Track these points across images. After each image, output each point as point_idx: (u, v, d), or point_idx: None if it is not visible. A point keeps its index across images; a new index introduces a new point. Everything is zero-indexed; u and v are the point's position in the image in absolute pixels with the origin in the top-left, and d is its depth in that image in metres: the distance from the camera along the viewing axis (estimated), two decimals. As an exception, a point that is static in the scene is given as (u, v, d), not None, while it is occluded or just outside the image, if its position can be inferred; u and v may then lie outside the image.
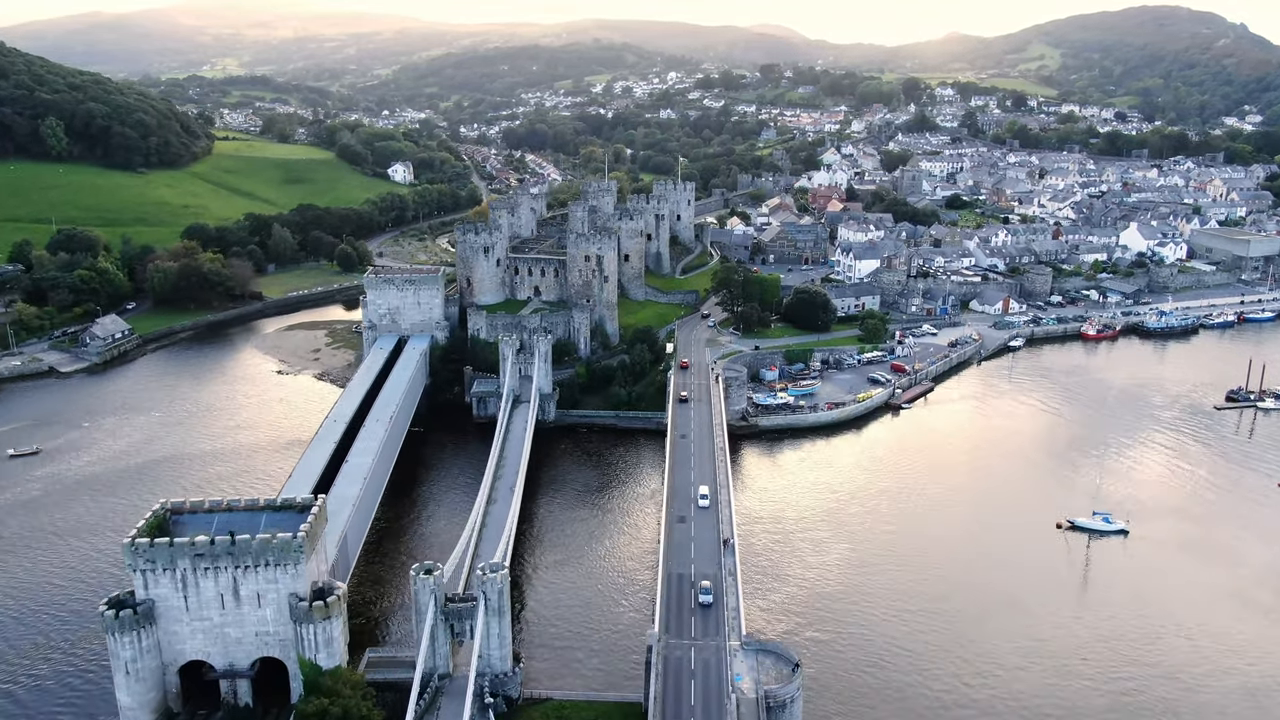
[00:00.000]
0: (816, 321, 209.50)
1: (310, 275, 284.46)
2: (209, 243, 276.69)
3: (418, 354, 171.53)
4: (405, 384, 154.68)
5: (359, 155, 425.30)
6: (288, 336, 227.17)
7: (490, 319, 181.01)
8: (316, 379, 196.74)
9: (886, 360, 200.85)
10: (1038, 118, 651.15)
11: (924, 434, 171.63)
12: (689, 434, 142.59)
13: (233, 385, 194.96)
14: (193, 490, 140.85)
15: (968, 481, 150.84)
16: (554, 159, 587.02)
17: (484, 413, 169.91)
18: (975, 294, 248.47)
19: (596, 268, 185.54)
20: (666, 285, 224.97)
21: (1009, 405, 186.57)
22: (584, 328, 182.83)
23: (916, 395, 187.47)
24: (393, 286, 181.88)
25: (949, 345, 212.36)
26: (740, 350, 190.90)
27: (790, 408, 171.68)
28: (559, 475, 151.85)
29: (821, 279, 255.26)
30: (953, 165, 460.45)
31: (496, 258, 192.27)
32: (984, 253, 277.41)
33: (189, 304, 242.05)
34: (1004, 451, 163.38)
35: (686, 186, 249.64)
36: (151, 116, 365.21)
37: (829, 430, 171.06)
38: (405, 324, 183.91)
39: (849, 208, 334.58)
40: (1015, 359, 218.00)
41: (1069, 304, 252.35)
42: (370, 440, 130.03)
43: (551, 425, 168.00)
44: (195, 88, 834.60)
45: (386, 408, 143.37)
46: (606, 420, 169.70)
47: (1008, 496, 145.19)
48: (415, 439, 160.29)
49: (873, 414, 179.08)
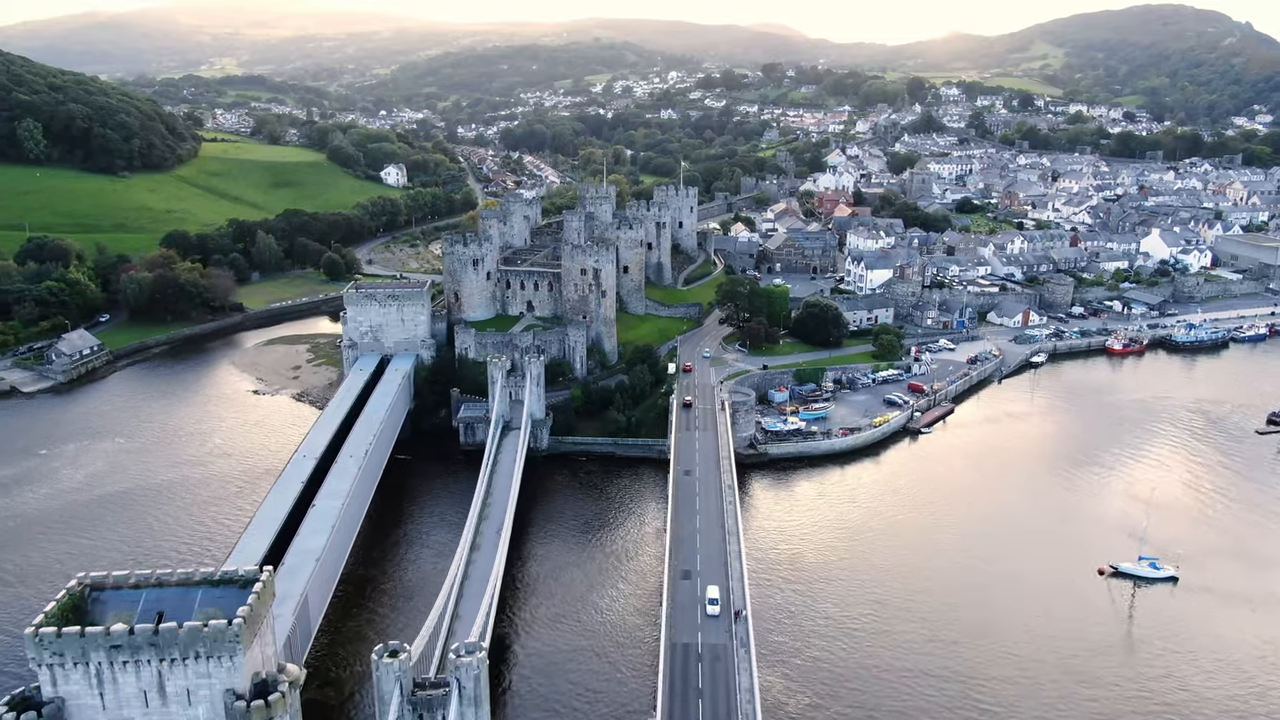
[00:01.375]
0: (828, 337, 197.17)
1: (295, 284, 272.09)
2: (189, 250, 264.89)
3: (400, 376, 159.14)
4: (385, 411, 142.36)
5: (351, 157, 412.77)
6: (267, 352, 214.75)
7: (479, 337, 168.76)
8: (295, 400, 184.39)
9: (903, 379, 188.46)
10: (1045, 118, 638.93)
11: (946, 462, 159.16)
12: (693, 469, 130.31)
13: (205, 407, 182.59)
14: (143, 536, 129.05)
15: (998, 517, 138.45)
16: (552, 160, 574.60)
17: (472, 439, 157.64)
18: (993, 305, 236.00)
19: (593, 282, 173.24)
20: (668, 297, 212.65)
21: (1035, 429, 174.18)
22: (580, 346, 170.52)
23: (936, 418, 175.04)
24: (374, 302, 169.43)
25: (968, 362, 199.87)
26: (747, 370, 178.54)
27: (802, 434, 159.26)
28: (552, 511, 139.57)
29: (831, 289, 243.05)
30: (961, 167, 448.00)
31: (486, 271, 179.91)
32: (1000, 261, 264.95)
33: (165, 316, 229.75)
34: (1034, 484, 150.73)
35: (689, 192, 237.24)
36: (135, 118, 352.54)
37: (844, 458, 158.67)
38: (388, 342, 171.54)
39: (857, 213, 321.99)
40: (1037, 376, 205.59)
41: (1091, 316, 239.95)
42: (342, 480, 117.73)
43: (544, 454, 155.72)
44: (190, 88, 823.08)
45: (362, 440, 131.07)
46: (604, 448, 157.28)
47: (1043, 537, 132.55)
48: (398, 468, 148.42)
49: (890, 438, 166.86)
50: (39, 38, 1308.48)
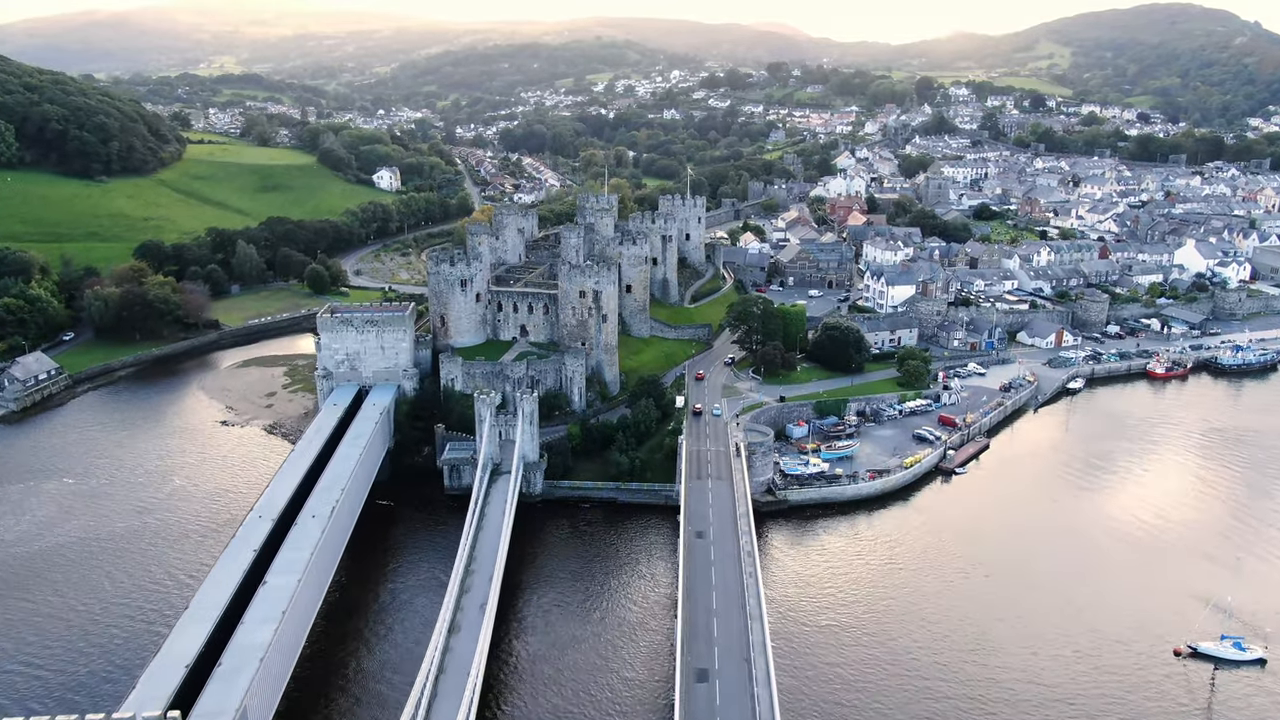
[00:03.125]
0: (849, 362, 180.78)
1: (277, 298, 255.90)
2: (164, 262, 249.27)
3: (377, 413, 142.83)
4: (358, 456, 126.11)
5: (342, 160, 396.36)
6: (240, 375, 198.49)
7: (467, 367, 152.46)
8: (266, 432, 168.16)
9: (932, 410, 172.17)
10: (1058, 119, 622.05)
11: (987, 509, 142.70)
12: (707, 530, 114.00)
13: (168, 439, 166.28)
14: (85, 602, 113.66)
15: (1050, 579, 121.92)
16: (552, 162, 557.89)
17: (457, 483, 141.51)
18: (1023, 325, 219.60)
19: (593, 305, 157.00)
20: (674, 317, 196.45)
21: (1083, 469, 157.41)
22: (578, 377, 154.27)
23: (971, 456, 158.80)
24: (351, 328, 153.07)
25: (1001, 390, 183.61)
26: (763, 401, 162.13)
27: (825, 478, 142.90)
28: (546, 572, 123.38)
29: (849, 306, 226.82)
30: (976, 171, 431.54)
31: (476, 292, 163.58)
32: (1027, 274, 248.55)
33: (134, 335, 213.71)
34: (1090, 537, 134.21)
35: (696, 201, 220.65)
36: (114, 119, 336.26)
37: (871, 504, 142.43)
38: (367, 371, 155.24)
39: (872, 220, 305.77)
40: (1075, 404, 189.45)
41: (1127, 335, 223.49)
42: (300, 547, 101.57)
43: (538, 500, 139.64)
44: (185, 86, 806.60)
45: (330, 494, 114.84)
46: (605, 494, 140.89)
47: (1104, 606, 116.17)
48: (375, 516, 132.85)
49: (920, 479, 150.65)
50: (38, 35, 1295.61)
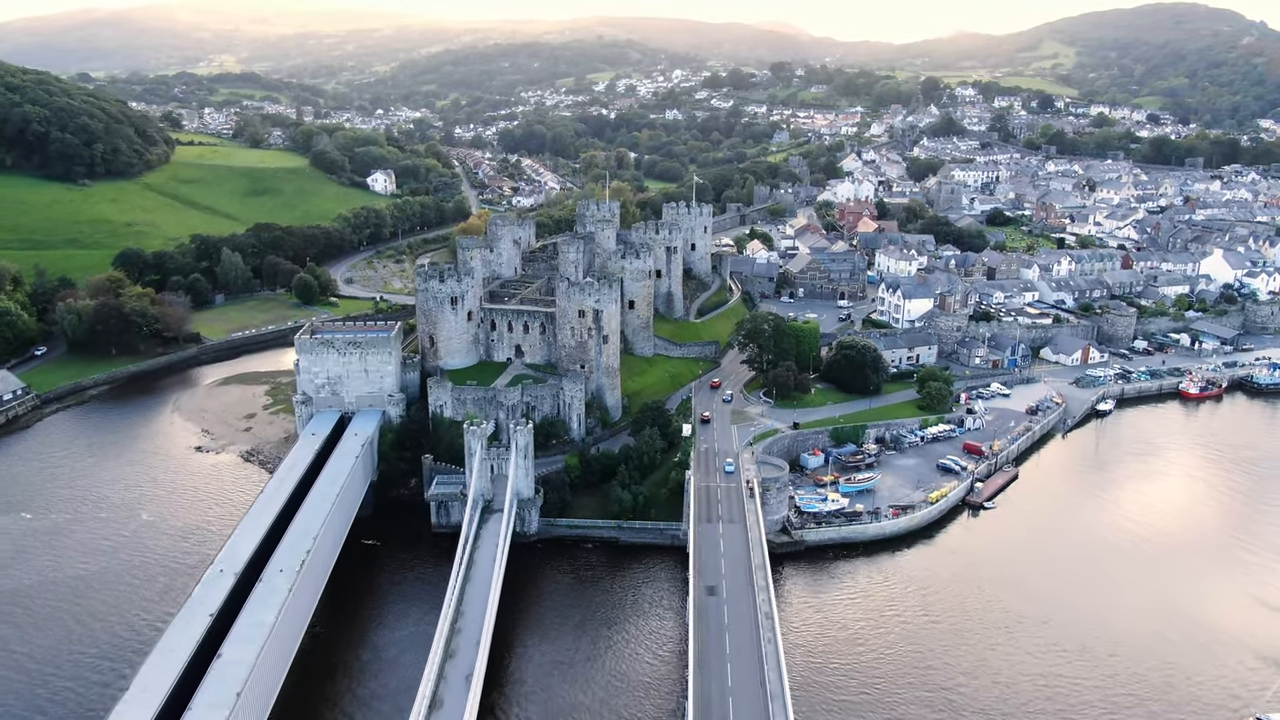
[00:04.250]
0: (866, 384, 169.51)
1: (263, 308, 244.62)
2: (144, 271, 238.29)
3: (359, 444, 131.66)
4: (334, 498, 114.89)
5: (335, 163, 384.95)
6: (219, 394, 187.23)
7: (457, 392, 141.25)
8: (243, 459, 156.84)
9: (956, 436, 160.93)
10: (1067, 120, 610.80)
11: (1023, 550, 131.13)
12: (719, 585, 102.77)
13: (137, 467, 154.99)
14: (34, 660, 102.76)
15: (1097, 634, 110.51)
16: (552, 164, 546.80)
17: (446, 521, 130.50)
18: (1046, 340, 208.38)
19: (593, 325, 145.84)
20: (679, 334, 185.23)
21: (1125, 501, 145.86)
22: (577, 403, 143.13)
23: (999, 488, 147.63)
24: (332, 350, 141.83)
25: (1028, 413, 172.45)
26: (777, 429, 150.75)
27: (845, 515, 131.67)
28: (541, 623, 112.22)
29: (863, 320, 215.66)
30: (987, 174, 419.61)
31: (467, 310, 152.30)
32: (1049, 285, 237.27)
33: (109, 350, 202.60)
34: (1139, 582, 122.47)
35: (702, 209, 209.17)
36: (98, 120, 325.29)
37: (895, 544, 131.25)
38: (349, 397, 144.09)
39: (883, 227, 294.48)
40: (1105, 426, 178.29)
41: (1156, 351, 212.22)
42: (264, 608, 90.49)
43: (533, 540, 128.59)
44: (181, 85, 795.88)
45: (302, 541, 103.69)
46: (606, 533, 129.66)
47: (1163, 665, 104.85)
48: (356, 558, 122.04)
49: (946, 515, 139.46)
50: (36, 34, 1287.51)
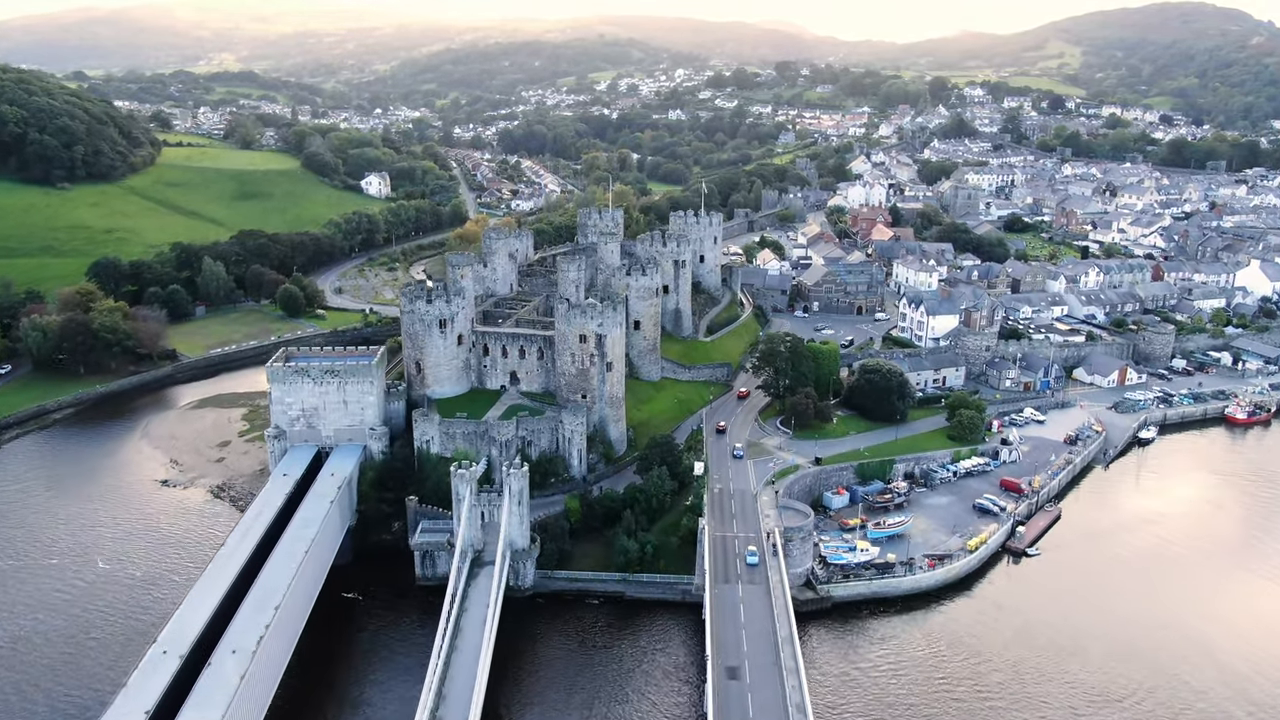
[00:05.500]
0: (892, 411, 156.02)
1: (246, 321, 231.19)
2: (120, 281, 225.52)
3: (335, 486, 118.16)
4: (302, 555, 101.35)
5: (328, 165, 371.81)
6: (192, 419, 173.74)
7: (446, 426, 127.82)
8: (212, 495, 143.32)
9: (991, 470, 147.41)
10: (1078, 120, 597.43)
11: (1077, 604, 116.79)
12: (740, 666, 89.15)
13: (96, 504, 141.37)
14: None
15: (1185, 708, 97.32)
16: (553, 165, 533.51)
17: (431, 572, 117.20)
18: (1079, 359, 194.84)
19: (596, 351, 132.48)
20: (689, 354, 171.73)
21: (1177, 543, 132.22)
22: (577, 437, 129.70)
23: (1043, 530, 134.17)
24: (308, 379, 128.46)
25: (1066, 442, 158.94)
26: (796, 464, 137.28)
27: (876, 567, 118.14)
28: (539, 695, 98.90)
29: (883, 337, 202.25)
30: (1002, 178, 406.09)
31: (458, 334, 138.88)
32: (1077, 298, 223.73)
33: (78, 369, 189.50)
34: (1208, 642, 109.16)
35: (711, 219, 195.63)
36: (80, 121, 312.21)
37: (932, 597, 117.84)
38: (326, 430, 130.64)
39: (899, 235, 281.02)
40: (1148, 457, 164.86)
41: (1196, 370, 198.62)
42: (209, 704, 77.03)
43: (529, 595, 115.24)
44: (177, 84, 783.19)
45: (260, 614, 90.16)
46: (610, 587, 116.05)
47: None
48: (335, 608, 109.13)
49: (987, 563, 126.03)
50: (35, 32, 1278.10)
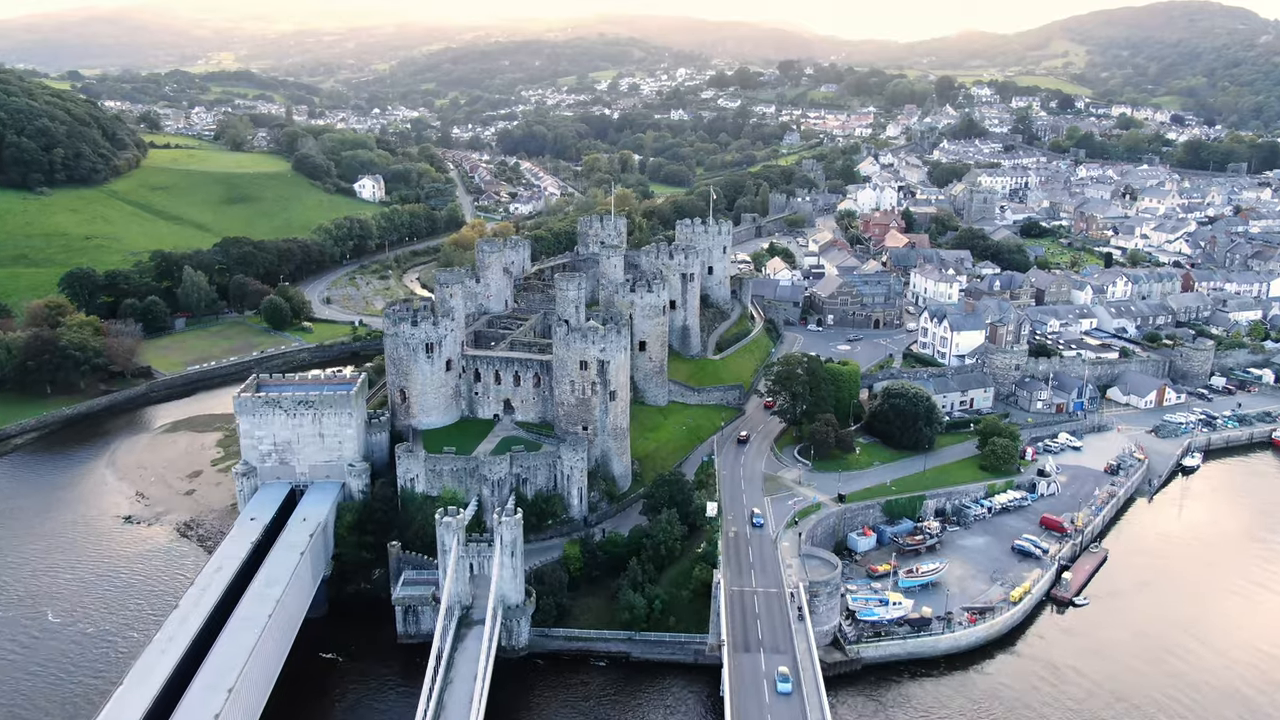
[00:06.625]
0: (918, 438, 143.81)
1: (229, 333, 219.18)
2: (95, 293, 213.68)
3: (306, 535, 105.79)
4: (265, 617, 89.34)
5: (320, 167, 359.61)
6: (164, 445, 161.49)
7: (432, 463, 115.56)
8: (179, 534, 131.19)
9: (1027, 504, 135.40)
10: (1088, 120, 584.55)
11: (1138, 664, 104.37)
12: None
13: (51, 544, 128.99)
14: None
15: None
16: (553, 167, 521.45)
17: (415, 629, 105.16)
18: (1113, 377, 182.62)
19: (598, 379, 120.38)
20: (698, 375, 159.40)
21: (1244, 588, 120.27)
22: (577, 474, 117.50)
23: (1089, 574, 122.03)
24: (280, 411, 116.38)
25: (1106, 471, 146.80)
26: (819, 503, 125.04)
27: (911, 625, 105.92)
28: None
29: (903, 353, 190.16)
30: (1015, 180, 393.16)
31: (446, 359, 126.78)
32: (1106, 310, 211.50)
33: (45, 388, 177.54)
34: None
35: (720, 228, 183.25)
36: (60, 123, 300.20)
37: (974, 657, 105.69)
38: (301, 466, 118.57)
39: (914, 242, 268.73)
40: (1193, 486, 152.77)
41: (1238, 389, 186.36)
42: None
43: (523, 655, 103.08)
44: (173, 84, 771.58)
45: (212, 693, 78.21)
46: (614, 646, 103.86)
47: None
48: (309, 667, 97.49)
49: (1030, 615, 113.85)
50: (36, 31, 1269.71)
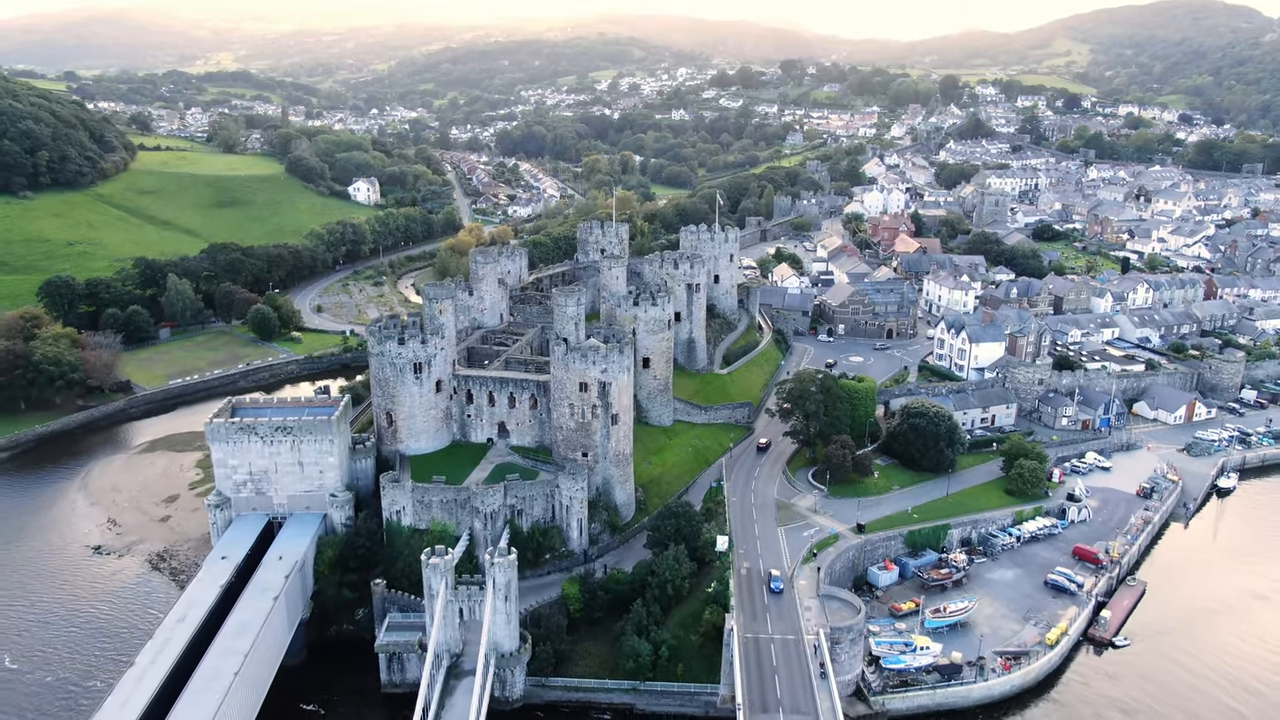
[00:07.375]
0: (940, 460, 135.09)
1: (215, 344, 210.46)
2: (74, 303, 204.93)
3: (282, 576, 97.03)
4: (232, 674, 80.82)
5: (313, 170, 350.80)
6: (140, 466, 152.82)
7: (420, 494, 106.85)
8: (150, 566, 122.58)
9: (1058, 533, 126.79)
10: (1095, 120, 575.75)
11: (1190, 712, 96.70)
12: None
13: (14, 577, 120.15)
14: None
15: None
16: (552, 168, 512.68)
17: (400, 679, 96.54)
18: (1140, 391, 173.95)
19: (599, 402, 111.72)
20: (704, 391, 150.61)
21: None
22: (577, 504, 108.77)
23: (1128, 610, 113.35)
24: (256, 438, 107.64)
25: (1139, 494, 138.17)
26: (837, 534, 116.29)
27: (940, 672, 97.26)
28: None
29: (919, 365, 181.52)
30: (1025, 181, 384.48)
31: (435, 379, 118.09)
32: (1129, 320, 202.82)
33: (18, 405, 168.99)
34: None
35: (727, 235, 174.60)
36: (45, 124, 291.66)
37: (1009, 707, 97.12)
38: (279, 497, 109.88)
39: (925, 246, 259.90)
40: (1227, 509, 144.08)
41: (1269, 403, 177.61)
42: None
43: (518, 707, 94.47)
44: (169, 84, 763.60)
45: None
46: (617, 697, 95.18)
47: None
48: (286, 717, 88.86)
49: (1068, 655, 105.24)
50: (35, 31, 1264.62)
